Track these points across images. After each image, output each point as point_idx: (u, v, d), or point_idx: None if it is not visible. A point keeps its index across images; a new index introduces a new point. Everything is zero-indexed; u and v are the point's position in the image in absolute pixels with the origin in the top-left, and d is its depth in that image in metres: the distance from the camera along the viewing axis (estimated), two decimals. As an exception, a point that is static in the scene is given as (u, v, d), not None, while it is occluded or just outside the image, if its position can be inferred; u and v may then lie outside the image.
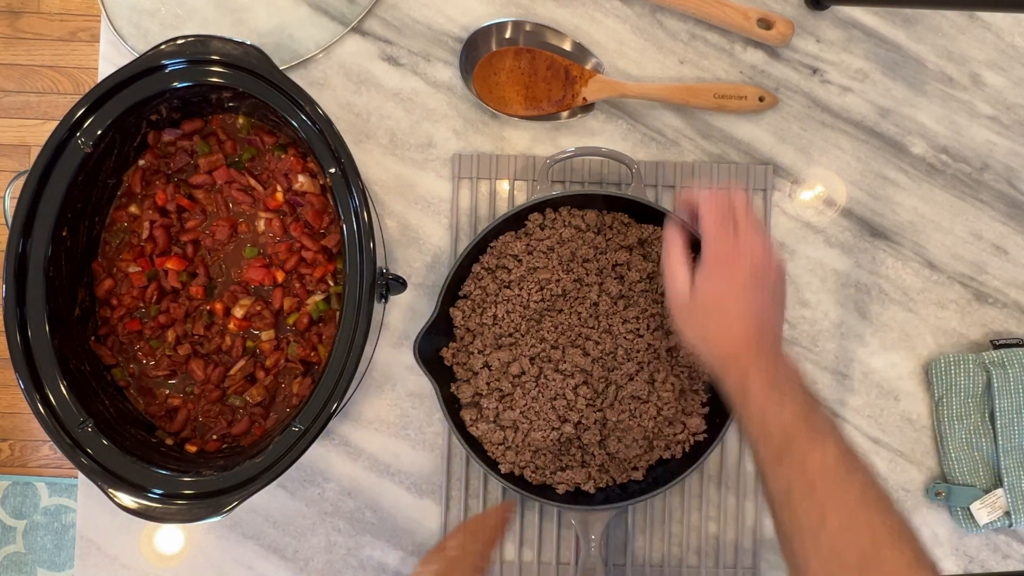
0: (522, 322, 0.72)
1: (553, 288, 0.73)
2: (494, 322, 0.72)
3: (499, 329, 0.72)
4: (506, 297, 0.72)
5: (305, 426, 0.61)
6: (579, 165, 0.78)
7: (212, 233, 0.71)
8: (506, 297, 0.72)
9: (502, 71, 0.77)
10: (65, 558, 1.65)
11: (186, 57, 0.63)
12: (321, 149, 0.63)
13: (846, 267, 0.78)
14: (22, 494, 1.66)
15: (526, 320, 0.72)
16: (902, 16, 0.79)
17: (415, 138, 0.79)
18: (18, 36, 1.72)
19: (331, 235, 0.70)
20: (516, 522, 0.76)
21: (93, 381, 0.67)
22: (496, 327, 0.72)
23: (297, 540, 0.76)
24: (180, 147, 0.71)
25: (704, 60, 0.79)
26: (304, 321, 0.69)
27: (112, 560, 0.76)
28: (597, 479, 0.72)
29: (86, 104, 0.63)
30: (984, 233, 0.78)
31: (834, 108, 0.79)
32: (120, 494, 0.61)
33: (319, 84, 0.79)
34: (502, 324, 0.72)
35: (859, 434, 0.77)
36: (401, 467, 0.77)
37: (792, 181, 0.79)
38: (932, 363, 0.76)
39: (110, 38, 0.79)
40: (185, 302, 0.71)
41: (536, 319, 0.73)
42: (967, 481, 0.75)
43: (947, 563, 0.76)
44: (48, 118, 1.71)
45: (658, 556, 0.76)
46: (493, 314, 0.72)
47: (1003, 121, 0.79)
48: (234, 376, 0.70)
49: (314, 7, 0.79)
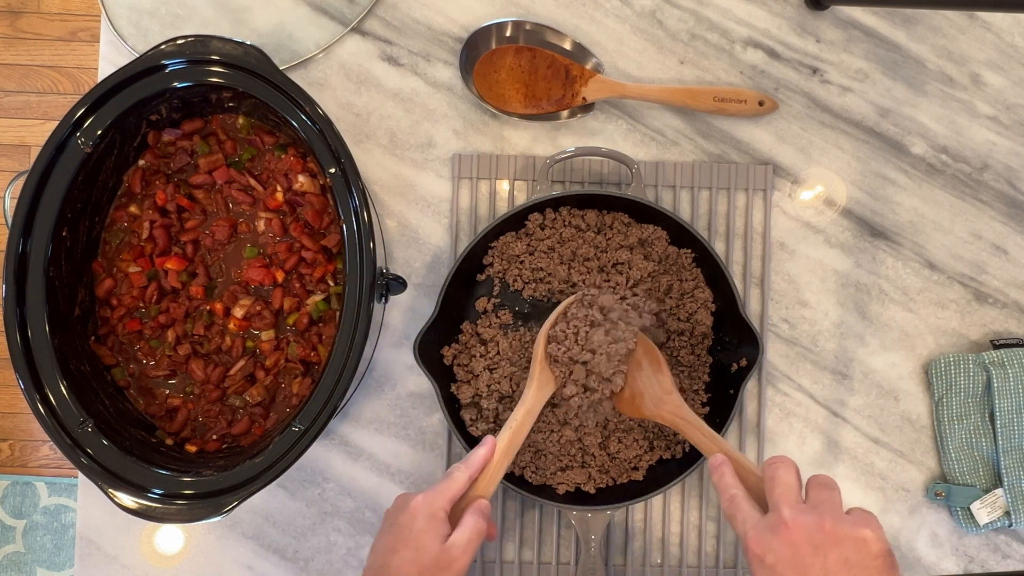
0: (522, 325, 0.72)
1: (553, 288, 0.73)
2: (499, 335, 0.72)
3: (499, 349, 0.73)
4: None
5: (305, 426, 0.61)
6: (579, 165, 0.78)
7: (212, 233, 0.71)
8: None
9: (502, 69, 0.77)
10: (65, 558, 1.65)
11: (186, 57, 0.63)
12: (321, 149, 0.63)
13: (846, 267, 0.78)
14: (22, 494, 1.66)
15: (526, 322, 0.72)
16: (902, 16, 0.79)
17: (415, 138, 0.79)
18: (18, 36, 1.72)
19: (331, 235, 0.70)
20: (516, 522, 0.76)
21: (93, 381, 0.67)
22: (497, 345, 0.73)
23: (297, 540, 0.76)
24: (180, 147, 0.71)
25: (704, 60, 0.79)
26: (304, 321, 0.69)
27: (112, 560, 0.76)
28: (597, 479, 0.72)
29: (86, 104, 0.63)
30: (984, 233, 0.78)
31: (834, 108, 0.79)
32: (120, 494, 0.61)
33: (319, 84, 0.79)
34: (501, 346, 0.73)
35: (859, 434, 0.77)
36: (401, 467, 0.77)
37: (792, 181, 0.79)
38: (932, 363, 0.76)
39: (110, 38, 0.79)
40: (185, 302, 0.71)
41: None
42: (967, 481, 0.75)
43: (947, 563, 0.76)
44: (48, 118, 1.71)
45: (658, 556, 0.76)
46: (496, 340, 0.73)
47: (1003, 121, 0.79)
48: (234, 376, 0.70)
49: (314, 7, 0.79)
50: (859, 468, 0.77)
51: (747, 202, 0.78)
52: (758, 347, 0.69)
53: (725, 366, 0.72)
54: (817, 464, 0.77)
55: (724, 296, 0.72)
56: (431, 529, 0.57)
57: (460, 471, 0.61)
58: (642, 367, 0.69)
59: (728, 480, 0.58)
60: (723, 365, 0.73)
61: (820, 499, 0.54)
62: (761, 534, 0.53)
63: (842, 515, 0.53)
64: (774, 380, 0.77)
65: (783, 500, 0.54)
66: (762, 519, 0.54)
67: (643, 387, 0.68)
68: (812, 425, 0.77)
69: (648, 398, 0.68)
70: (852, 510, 0.54)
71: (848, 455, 0.77)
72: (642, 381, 0.68)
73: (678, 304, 0.73)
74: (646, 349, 0.69)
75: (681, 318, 0.73)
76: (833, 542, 0.51)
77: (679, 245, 0.74)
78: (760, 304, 0.77)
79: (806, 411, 0.77)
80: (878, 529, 0.52)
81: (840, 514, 0.53)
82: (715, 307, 0.73)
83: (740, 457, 0.61)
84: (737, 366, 0.71)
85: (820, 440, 0.77)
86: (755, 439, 0.77)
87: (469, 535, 0.58)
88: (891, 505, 0.76)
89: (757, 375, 0.77)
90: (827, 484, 0.55)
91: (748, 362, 0.70)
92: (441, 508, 0.59)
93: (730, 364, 0.72)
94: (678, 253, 0.74)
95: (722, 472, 0.59)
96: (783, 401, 0.77)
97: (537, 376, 0.68)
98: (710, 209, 0.78)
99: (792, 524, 0.52)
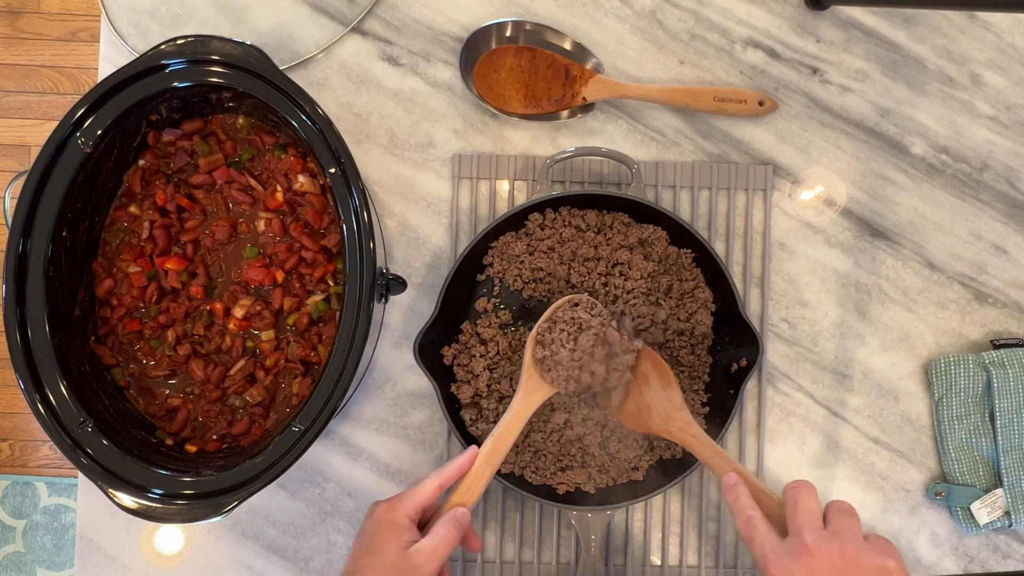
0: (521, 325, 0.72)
1: (554, 288, 0.73)
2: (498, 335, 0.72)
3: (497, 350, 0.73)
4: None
5: (305, 426, 0.61)
6: (579, 165, 0.78)
7: (212, 233, 0.71)
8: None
9: (503, 68, 0.77)
10: (65, 558, 1.65)
11: (186, 57, 0.63)
12: (321, 149, 0.63)
13: (846, 267, 0.78)
14: (22, 494, 1.66)
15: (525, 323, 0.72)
16: (902, 16, 0.79)
17: (415, 138, 0.79)
18: (18, 36, 1.72)
19: (331, 235, 0.70)
20: (516, 522, 0.76)
21: (93, 381, 0.67)
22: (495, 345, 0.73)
23: (297, 540, 0.76)
24: (180, 147, 0.71)
25: (704, 60, 0.79)
26: (304, 321, 0.69)
27: (112, 560, 0.76)
28: (597, 479, 0.72)
29: (86, 104, 0.63)
30: (984, 233, 0.78)
31: (834, 108, 0.79)
32: (120, 494, 0.61)
33: (319, 84, 0.79)
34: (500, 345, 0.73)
35: (859, 434, 0.77)
36: (401, 467, 0.77)
37: (792, 181, 0.79)
38: (932, 363, 0.76)
39: (110, 38, 0.79)
40: (185, 302, 0.71)
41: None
42: (967, 481, 0.75)
43: (947, 563, 0.76)
44: (48, 118, 1.71)
45: (658, 556, 0.76)
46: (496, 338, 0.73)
47: (1003, 121, 0.79)
48: (234, 376, 0.70)
49: (314, 7, 0.79)
50: (859, 468, 0.77)
51: (747, 202, 0.78)
52: (758, 347, 0.69)
53: (725, 366, 0.72)
54: (817, 464, 0.77)
55: (724, 296, 0.72)
56: (392, 537, 0.57)
57: (431, 479, 0.61)
58: (650, 381, 0.68)
59: (744, 501, 0.58)
60: (723, 365, 0.73)
61: (841, 526, 0.54)
62: (781, 558, 0.53)
63: (863, 543, 0.53)
64: (774, 380, 0.77)
65: (805, 525, 0.54)
66: (782, 543, 0.54)
67: (651, 402, 0.67)
68: (812, 425, 0.77)
69: (656, 413, 0.67)
70: (870, 537, 0.54)
71: (848, 455, 0.77)
72: (650, 395, 0.68)
73: (678, 304, 0.73)
74: (654, 363, 0.68)
75: (681, 318, 0.73)
76: (855, 570, 0.51)
77: (679, 245, 0.74)
78: (760, 304, 0.77)
79: (806, 411, 0.77)
80: (899, 559, 0.52)
81: (861, 542, 0.53)
82: (715, 307, 0.73)
83: (753, 478, 0.60)
84: (737, 366, 0.71)
85: (820, 440, 0.77)
86: (755, 439, 0.77)
87: (435, 543, 0.57)
88: (891, 505, 0.76)
89: (757, 375, 0.77)
90: (847, 511, 0.55)
91: (748, 362, 0.70)
92: (404, 515, 0.58)
93: (730, 364, 0.72)
94: (678, 253, 0.74)
95: (737, 493, 0.59)
96: (783, 401, 0.77)
97: (524, 383, 0.67)
98: (710, 209, 0.78)
99: (814, 550, 0.52)
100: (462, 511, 0.61)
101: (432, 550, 0.57)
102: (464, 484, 0.63)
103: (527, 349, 0.68)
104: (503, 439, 0.65)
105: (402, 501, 0.60)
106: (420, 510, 0.60)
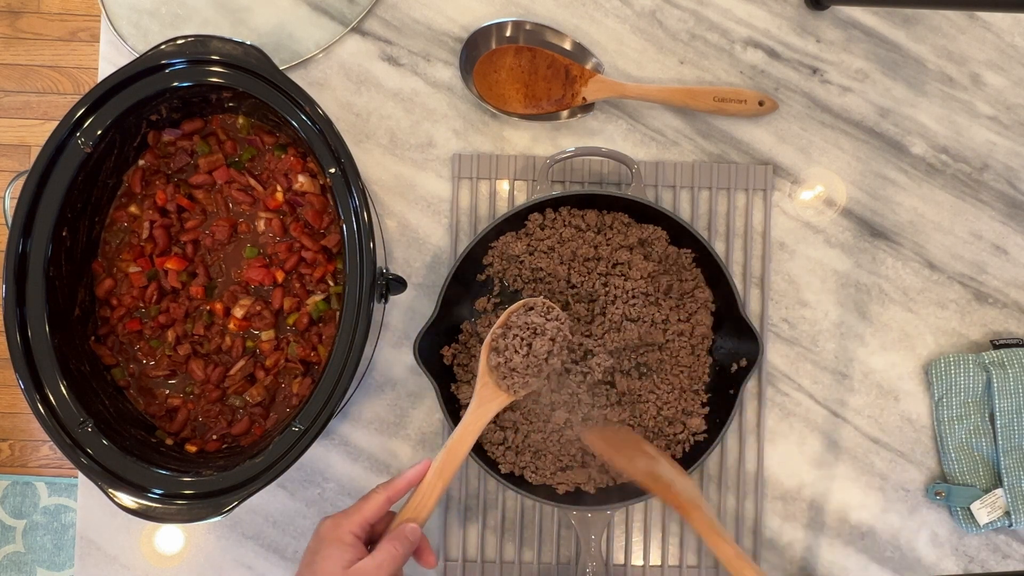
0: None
1: (554, 288, 0.73)
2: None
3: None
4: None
5: (305, 426, 0.61)
6: (579, 165, 0.78)
7: (212, 233, 0.71)
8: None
9: (503, 68, 0.77)
10: (65, 558, 1.65)
11: (186, 57, 0.63)
12: (321, 149, 0.63)
13: (846, 267, 0.78)
14: (22, 494, 1.66)
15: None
16: (902, 16, 0.79)
17: (415, 138, 0.79)
18: (18, 36, 1.72)
19: (331, 235, 0.70)
20: (516, 522, 0.76)
21: (93, 381, 0.67)
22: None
23: (297, 540, 0.76)
24: (180, 147, 0.71)
25: (704, 60, 0.79)
26: (304, 321, 0.69)
27: (112, 560, 0.76)
28: (597, 479, 0.72)
29: (86, 104, 0.63)
30: (984, 233, 0.78)
31: (834, 108, 0.79)
32: (120, 494, 0.61)
33: (319, 84, 0.79)
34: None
35: (859, 434, 0.77)
36: (401, 467, 0.77)
37: (792, 181, 0.79)
38: (932, 363, 0.76)
39: (110, 38, 0.79)
40: (185, 302, 0.71)
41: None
42: (967, 481, 0.75)
43: (947, 563, 0.76)
44: (48, 118, 1.71)
45: (658, 556, 0.76)
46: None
47: (1003, 121, 0.79)
48: (234, 376, 0.70)
49: (314, 7, 0.79)
50: (859, 468, 0.77)
51: (747, 202, 0.78)
52: (758, 347, 0.69)
53: (725, 366, 0.72)
54: (817, 464, 0.77)
55: (724, 296, 0.72)
56: (333, 555, 0.56)
57: (379, 492, 0.60)
58: (659, 460, 0.65)
59: None
60: (723, 365, 0.73)
61: None
62: None
63: None
64: (774, 380, 0.77)
65: None
66: None
67: (665, 473, 0.65)
68: (812, 425, 0.77)
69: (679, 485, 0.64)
70: None
71: (848, 455, 0.77)
72: (661, 467, 0.65)
73: (678, 304, 0.73)
74: (612, 443, 0.66)
75: (681, 318, 0.73)
76: None
77: (679, 245, 0.74)
78: (760, 304, 0.77)
79: (806, 411, 0.77)
80: None
81: None
82: (715, 307, 0.73)
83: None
84: (737, 366, 0.71)
85: (820, 440, 0.77)
86: (755, 439, 0.77)
87: (379, 562, 0.56)
88: (891, 505, 0.76)
89: (757, 375, 0.77)
90: None
91: (748, 362, 0.70)
92: (349, 532, 0.57)
93: (730, 364, 0.72)
94: (678, 253, 0.74)
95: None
96: (783, 401, 0.77)
97: (479, 391, 0.65)
98: (710, 209, 0.78)
99: None
100: (411, 527, 0.59)
101: (375, 569, 0.56)
102: (415, 498, 0.61)
103: (482, 356, 0.66)
104: (455, 451, 0.63)
105: (348, 517, 0.58)
106: (366, 526, 0.58)
